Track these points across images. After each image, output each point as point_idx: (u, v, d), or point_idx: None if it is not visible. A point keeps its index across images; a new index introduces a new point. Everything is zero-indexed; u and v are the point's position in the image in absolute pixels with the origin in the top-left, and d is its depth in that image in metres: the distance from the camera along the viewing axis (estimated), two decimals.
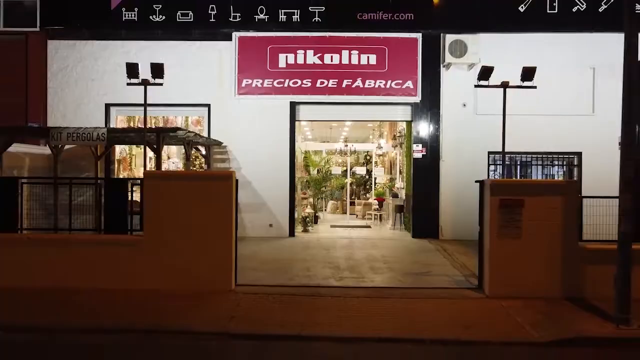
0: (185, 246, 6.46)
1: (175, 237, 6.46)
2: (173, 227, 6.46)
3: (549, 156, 11.59)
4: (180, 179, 6.60)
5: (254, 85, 11.25)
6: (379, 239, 11.23)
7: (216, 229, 6.52)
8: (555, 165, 12.34)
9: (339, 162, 19.74)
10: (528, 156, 11.52)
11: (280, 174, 11.34)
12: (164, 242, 6.46)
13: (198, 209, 6.47)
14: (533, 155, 11.52)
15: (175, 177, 6.75)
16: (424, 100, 11.25)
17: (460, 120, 11.24)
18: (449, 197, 11.25)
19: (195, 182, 6.56)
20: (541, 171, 12.28)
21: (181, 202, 6.48)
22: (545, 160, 11.65)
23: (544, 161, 11.69)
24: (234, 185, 6.56)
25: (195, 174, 7.49)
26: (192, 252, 6.47)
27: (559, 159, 11.86)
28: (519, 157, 11.54)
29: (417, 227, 11.34)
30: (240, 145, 11.32)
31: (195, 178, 6.66)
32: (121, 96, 11.26)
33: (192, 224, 6.47)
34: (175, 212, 6.47)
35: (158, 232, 6.48)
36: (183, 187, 6.51)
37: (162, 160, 15.10)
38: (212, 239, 6.50)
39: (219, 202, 6.49)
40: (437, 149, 11.27)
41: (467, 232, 10.94)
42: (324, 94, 11.26)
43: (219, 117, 11.34)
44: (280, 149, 11.35)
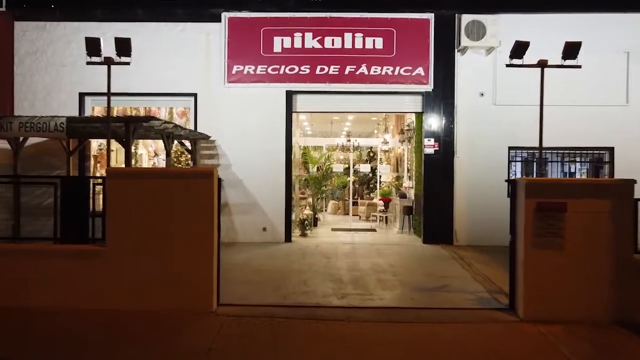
0: (156, 258, 5.46)
1: (143, 247, 5.46)
2: (141, 235, 5.46)
3: (575, 152, 10.57)
4: (151, 178, 5.59)
5: (246, 72, 10.24)
6: (385, 245, 10.22)
7: (194, 236, 5.51)
8: (578, 162, 11.35)
9: (341, 159, 18.76)
10: (552, 152, 10.48)
11: (276, 172, 10.34)
12: (130, 253, 5.46)
13: (172, 213, 5.47)
14: (557, 151, 10.49)
15: (144, 175, 5.74)
16: (437, 89, 10.22)
17: (477, 111, 10.22)
18: (464, 198, 10.24)
19: (168, 181, 5.54)
20: (560, 168, 11.28)
21: (151, 205, 5.48)
22: (574, 156, 10.64)
23: (570, 157, 10.67)
24: (216, 185, 5.55)
25: (168, 171, 6.49)
26: (164, 265, 5.47)
27: (587, 154, 10.84)
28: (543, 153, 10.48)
29: (428, 231, 10.33)
30: (230, 140, 10.32)
31: (169, 176, 5.65)
32: (98, 84, 10.20)
33: (165, 231, 5.47)
34: (144, 217, 5.46)
35: (123, 242, 5.47)
36: (154, 187, 5.51)
37: (149, 157, 14.15)
38: (189, 248, 5.49)
39: (197, 205, 5.48)
40: (451, 144, 10.26)
41: (485, 237, 9.98)
42: (324, 82, 10.25)
43: (207, 108, 10.33)
44: (276, 143, 10.34)
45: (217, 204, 5.72)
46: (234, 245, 9.85)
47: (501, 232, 10.34)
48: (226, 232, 10.23)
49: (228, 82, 10.26)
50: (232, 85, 10.27)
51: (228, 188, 10.32)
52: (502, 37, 9.71)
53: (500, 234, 10.20)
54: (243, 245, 9.94)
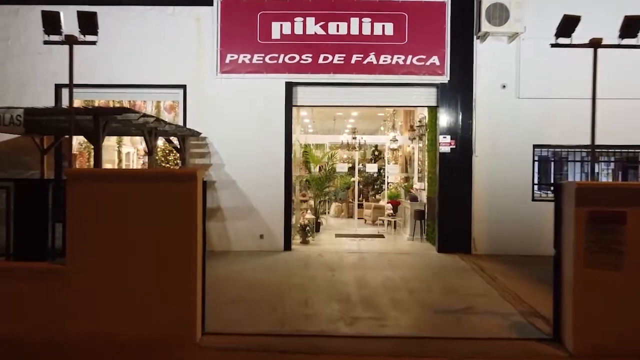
0: (127, 277, 4.55)
1: (111, 264, 4.55)
2: (109, 250, 4.55)
3: (608, 151, 9.64)
4: (121, 181, 4.67)
5: (241, 62, 9.32)
6: (396, 254, 9.30)
7: (174, 251, 4.60)
8: (603, 161, 10.44)
9: (344, 158, 17.86)
10: (575, 151, 9.55)
11: (274, 172, 9.43)
12: (94, 272, 4.55)
13: (146, 222, 4.56)
14: (587, 150, 9.54)
15: (114, 178, 4.82)
16: (453, 81, 9.30)
17: (498, 105, 9.30)
18: (483, 202, 9.32)
19: (142, 184, 4.64)
20: (580, 169, 10.34)
21: (122, 214, 4.57)
22: (610, 156, 9.74)
23: (602, 157, 9.75)
24: (200, 189, 4.65)
25: (143, 173, 5.56)
26: (137, 286, 4.57)
27: (614, 153, 9.93)
28: (568, 152, 9.59)
29: (443, 239, 9.41)
30: (224, 137, 9.40)
31: (143, 179, 4.74)
32: (78, 74, 9.32)
33: (138, 245, 4.56)
34: (112, 227, 4.55)
35: (86, 258, 4.56)
36: (125, 192, 4.59)
37: (139, 156, 13.23)
38: (168, 265, 4.58)
39: (177, 213, 4.57)
40: (468, 142, 9.34)
41: (507, 246, 9.09)
42: (327, 73, 9.33)
43: (197, 101, 9.41)
44: (274, 141, 9.43)
45: (203, 211, 4.82)
46: (227, 255, 8.94)
47: (525, 240, 9.48)
48: (218, 240, 9.35)
49: (221, 73, 9.35)
50: (226, 75, 9.35)
51: (221, 190, 9.42)
52: (528, 21, 8.79)
53: (524, 242, 9.34)
54: (237, 254, 9.03)
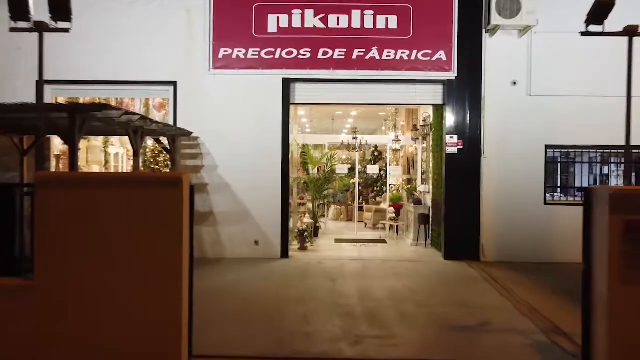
0: (103, 294, 4.02)
1: (85, 279, 4.02)
2: (82, 264, 4.02)
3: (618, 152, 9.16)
4: (96, 187, 4.14)
5: (235, 57, 8.82)
6: (400, 261, 8.81)
7: (156, 264, 4.06)
8: (613, 163, 9.96)
9: (343, 159, 17.38)
10: (583, 151, 9.09)
11: (270, 174, 8.93)
12: (66, 288, 4.02)
13: (125, 233, 4.03)
14: (603, 150, 9.09)
15: (88, 183, 4.28)
16: (461, 77, 8.82)
17: (509, 103, 8.83)
18: (492, 206, 8.84)
19: (119, 190, 4.10)
20: (587, 170, 9.87)
21: (98, 223, 4.03)
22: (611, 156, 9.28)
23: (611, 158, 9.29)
24: (187, 195, 4.12)
25: (120, 178, 5.04)
26: (115, 304, 4.03)
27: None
28: (582, 152, 9.12)
29: (450, 245, 8.92)
30: (217, 137, 8.90)
31: (121, 184, 4.21)
32: (61, 70, 8.83)
33: (116, 258, 4.03)
34: (87, 238, 4.02)
35: (58, 274, 4.03)
36: (102, 199, 4.06)
37: (129, 157, 12.68)
38: (150, 281, 4.05)
39: (160, 223, 4.04)
40: (477, 142, 8.86)
41: (518, 252, 8.65)
42: (327, 68, 8.84)
43: (189, 99, 8.90)
44: (270, 141, 8.93)
45: (190, 219, 4.30)
46: (219, 263, 8.43)
47: (537, 246, 9.00)
48: (211, 247, 8.84)
49: (214, 68, 8.84)
50: (219, 71, 8.85)
51: (213, 193, 8.91)
52: (540, 14, 8.33)
53: (536, 249, 8.86)
54: (231, 261, 8.52)
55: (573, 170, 9.80)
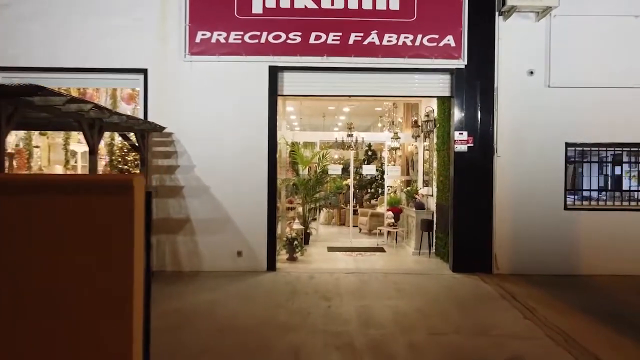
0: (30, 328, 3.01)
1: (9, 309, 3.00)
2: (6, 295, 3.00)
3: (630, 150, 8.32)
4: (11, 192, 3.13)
5: (215, 41, 7.82)
6: (403, 274, 7.86)
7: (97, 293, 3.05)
8: (627, 162, 9.11)
9: (335, 159, 16.44)
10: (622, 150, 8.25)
11: (255, 175, 7.95)
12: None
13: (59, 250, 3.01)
14: (630, 149, 8.24)
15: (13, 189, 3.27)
16: (472, 66, 7.91)
17: (525, 95, 7.94)
18: (507, 210, 7.95)
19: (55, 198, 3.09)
20: (598, 170, 9.00)
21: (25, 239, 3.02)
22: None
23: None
24: (141, 204, 3.12)
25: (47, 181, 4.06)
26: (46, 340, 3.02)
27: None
28: (607, 151, 8.26)
29: (459, 256, 8.00)
30: (193, 133, 7.90)
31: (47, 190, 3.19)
32: (11, 56, 7.80)
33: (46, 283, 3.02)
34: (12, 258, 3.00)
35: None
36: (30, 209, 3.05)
37: (100, 156, 11.59)
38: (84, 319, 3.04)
39: (101, 241, 3.02)
40: (489, 139, 7.95)
41: (535, 263, 7.81)
42: (320, 55, 7.87)
43: (161, 90, 7.88)
44: (255, 138, 7.95)
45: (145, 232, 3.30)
46: (196, 278, 7.43)
47: (557, 256, 8.04)
48: (187, 258, 7.84)
49: (190, 54, 7.83)
50: (196, 58, 7.84)
51: (190, 198, 7.90)
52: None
53: (555, 259, 7.96)
54: (209, 276, 7.52)
55: (591, 171, 8.90)
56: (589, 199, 8.20)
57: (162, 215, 7.87)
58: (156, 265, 7.81)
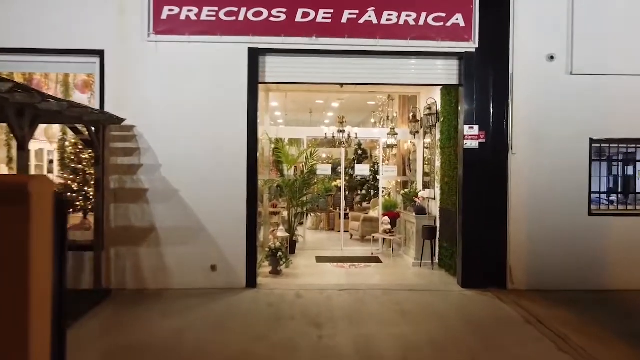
0: None
1: None
2: None
3: None
4: None
5: (184, 18, 6.74)
6: (405, 291, 6.85)
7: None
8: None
9: (323, 159, 15.43)
10: None
11: (232, 177, 6.88)
12: None
13: None
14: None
15: None
16: (483, 50, 6.94)
17: (544, 84, 7.00)
18: (523, 216, 6.99)
19: None
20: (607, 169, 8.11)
21: None
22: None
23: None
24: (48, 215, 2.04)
25: None
26: None
27: None
28: (635, 149, 7.36)
29: (469, 269, 7.02)
30: (159, 126, 6.80)
31: None
32: None
33: None
34: None
35: None
36: None
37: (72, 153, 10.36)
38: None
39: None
40: (503, 134, 6.99)
41: (555, 277, 6.95)
42: (308, 36, 6.84)
43: (121, 75, 6.77)
44: (232, 133, 6.88)
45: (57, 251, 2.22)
46: (161, 298, 6.34)
47: (581, 269, 6.93)
48: (152, 274, 6.74)
49: (155, 34, 6.73)
50: (162, 38, 6.75)
51: (155, 203, 6.79)
52: None
53: (580, 272, 6.97)
54: (178, 295, 6.42)
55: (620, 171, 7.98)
56: (615, 203, 7.30)
57: (122, 223, 6.75)
58: (115, 283, 6.69)
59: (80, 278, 6.64)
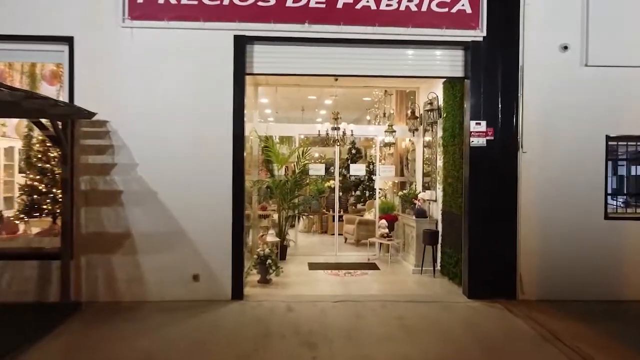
0: None
1: None
2: None
3: None
4: None
5: (162, 2, 6.15)
6: (407, 302, 6.30)
7: None
8: None
9: (315, 158, 14.88)
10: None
11: (216, 177, 6.29)
12: None
13: None
14: None
15: None
16: (491, 39, 6.41)
17: (558, 76, 6.49)
18: (534, 220, 6.48)
19: None
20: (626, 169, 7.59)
21: None
22: None
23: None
24: None
25: None
26: None
27: None
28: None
29: (475, 277, 6.49)
30: (136, 122, 6.19)
31: None
32: None
33: None
34: None
35: None
36: None
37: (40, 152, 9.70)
38: None
39: None
40: (513, 131, 6.45)
41: (569, 286, 6.55)
42: (300, 22, 6.27)
43: (92, 65, 6.16)
44: (217, 129, 6.30)
45: None
46: (136, 311, 5.74)
47: (597, 277, 6.21)
48: (127, 285, 6.15)
49: (130, 18, 6.13)
50: (138, 23, 6.15)
51: (131, 206, 6.18)
52: None
53: (595, 281, 6.35)
54: (155, 309, 5.83)
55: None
56: (634, 206, 6.80)
57: (94, 228, 6.13)
58: (85, 295, 6.08)
59: (47, 290, 6.03)
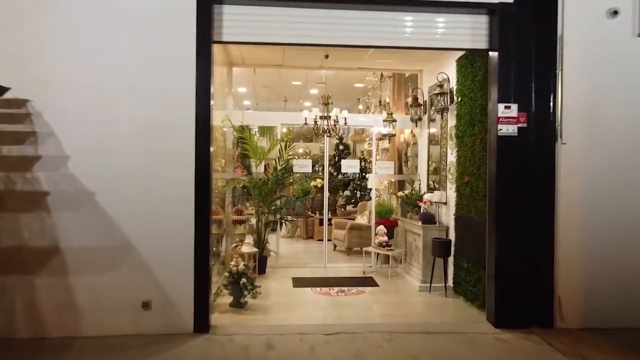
0: None
1: None
2: None
3: None
4: None
5: None
6: (417, 334, 5.04)
7: None
8: None
9: (300, 154, 13.61)
10: None
11: (173, 173, 4.95)
12: None
13: None
14: None
15: None
16: (524, 2, 5.17)
17: (605, 50, 5.28)
18: (576, 227, 5.27)
19: None
20: None
21: None
22: None
23: None
24: None
25: None
26: None
27: None
28: None
29: (503, 300, 5.25)
30: (67, 103, 4.82)
31: None
32: None
33: None
34: None
35: None
36: None
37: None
38: None
39: None
40: (549, 117, 5.23)
41: (622, 310, 5.36)
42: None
43: (9, 26, 4.77)
44: (174, 112, 4.95)
45: None
46: (66, 350, 4.38)
47: None
48: (55, 317, 4.81)
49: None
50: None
51: (61, 211, 4.81)
52: None
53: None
54: (92, 347, 4.48)
55: None
56: None
57: (10, 241, 4.74)
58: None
59: None
